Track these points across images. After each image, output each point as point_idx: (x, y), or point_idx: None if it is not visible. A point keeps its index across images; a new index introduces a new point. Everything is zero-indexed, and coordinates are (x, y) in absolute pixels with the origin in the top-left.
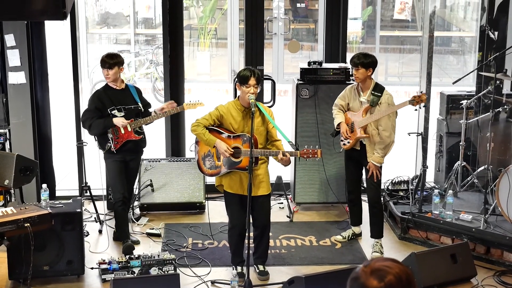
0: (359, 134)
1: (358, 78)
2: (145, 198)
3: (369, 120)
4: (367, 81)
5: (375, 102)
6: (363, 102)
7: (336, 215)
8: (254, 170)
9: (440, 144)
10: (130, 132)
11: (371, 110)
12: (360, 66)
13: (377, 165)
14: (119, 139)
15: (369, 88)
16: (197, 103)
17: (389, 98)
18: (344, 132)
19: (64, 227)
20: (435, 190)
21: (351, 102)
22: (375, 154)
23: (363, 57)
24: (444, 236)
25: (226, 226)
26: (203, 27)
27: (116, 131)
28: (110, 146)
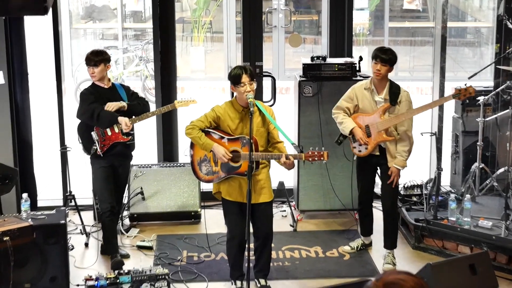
0: (384, 138)
1: (381, 74)
2: (135, 208)
3: (397, 120)
4: (385, 79)
5: (394, 100)
6: (379, 101)
7: (344, 223)
8: (255, 175)
9: (456, 145)
10: (118, 134)
11: (389, 110)
12: (388, 63)
13: (399, 170)
14: (105, 141)
15: (385, 86)
16: (189, 100)
17: (408, 95)
18: (362, 138)
19: (46, 240)
20: (451, 195)
21: (361, 103)
22: (399, 158)
23: (391, 53)
24: (462, 245)
25: (224, 237)
26: (196, 20)
27: (103, 133)
28: (96, 149)
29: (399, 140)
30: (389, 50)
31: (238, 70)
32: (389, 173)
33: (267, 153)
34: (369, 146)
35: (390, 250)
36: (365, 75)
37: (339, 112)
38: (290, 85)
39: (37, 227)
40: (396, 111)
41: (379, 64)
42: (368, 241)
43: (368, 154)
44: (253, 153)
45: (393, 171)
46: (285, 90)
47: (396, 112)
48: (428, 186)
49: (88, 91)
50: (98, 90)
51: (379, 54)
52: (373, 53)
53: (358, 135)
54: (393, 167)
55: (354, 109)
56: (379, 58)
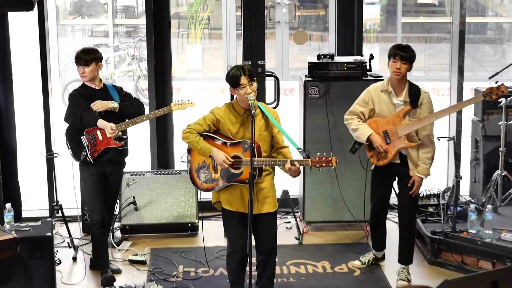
0: (405, 144)
1: (401, 73)
2: (127, 219)
3: (421, 124)
4: (404, 79)
5: (415, 103)
6: (398, 104)
7: (354, 236)
8: (258, 183)
9: (475, 150)
10: (110, 139)
11: (410, 113)
12: (408, 61)
13: (422, 179)
14: (96, 146)
15: (404, 87)
16: (187, 103)
17: (429, 97)
18: (381, 145)
19: (31, 254)
20: (471, 205)
21: (377, 106)
22: (422, 166)
23: (410, 51)
24: (483, 260)
25: (223, 250)
26: (193, 16)
27: (93, 137)
28: (85, 155)
29: (420, 146)
30: (408, 47)
31: (236, 70)
32: (411, 183)
33: (270, 159)
34: (389, 153)
35: (405, 265)
36: (376, 75)
37: (353, 118)
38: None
39: (21, 240)
40: (417, 114)
41: (398, 62)
42: (380, 255)
43: (388, 162)
44: (255, 159)
45: (415, 180)
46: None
47: (417, 116)
48: (446, 196)
49: (77, 93)
50: (88, 91)
51: (398, 51)
52: (391, 50)
53: (376, 142)
54: (415, 176)
55: (369, 114)
56: (398, 55)
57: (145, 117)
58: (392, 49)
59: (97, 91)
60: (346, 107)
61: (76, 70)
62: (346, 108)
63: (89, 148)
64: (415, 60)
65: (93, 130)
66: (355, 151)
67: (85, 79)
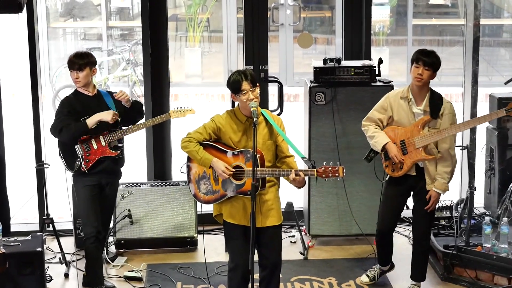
0: (422, 156)
1: (423, 80)
2: (122, 233)
3: (440, 136)
4: (425, 87)
5: (436, 113)
6: (418, 113)
7: (362, 251)
8: (262, 194)
9: (491, 160)
10: (105, 147)
11: (430, 123)
12: (431, 68)
13: (440, 194)
14: (91, 156)
15: (425, 95)
16: (186, 109)
17: (451, 107)
18: (396, 156)
19: (21, 270)
20: (485, 218)
21: (396, 114)
22: (440, 180)
23: (435, 57)
24: (498, 276)
25: (224, 266)
26: (192, 18)
27: (88, 146)
28: (79, 165)
29: (439, 160)
30: (433, 53)
31: (237, 76)
32: (427, 198)
33: (274, 169)
34: (404, 165)
35: (417, 282)
36: (385, 80)
37: (370, 125)
38: (299, 91)
39: (10, 256)
40: (438, 125)
41: (421, 68)
42: (386, 268)
43: (403, 174)
44: (258, 169)
45: (432, 196)
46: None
47: (437, 127)
48: (459, 208)
49: (67, 101)
50: (80, 98)
51: (422, 56)
52: (414, 55)
53: (392, 152)
54: (432, 191)
55: (388, 121)
56: (421, 60)
57: (142, 125)
58: (416, 53)
59: (91, 98)
60: (353, 114)
61: (68, 75)
62: (354, 115)
63: (83, 158)
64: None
65: (87, 139)
66: (370, 160)
67: (79, 85)
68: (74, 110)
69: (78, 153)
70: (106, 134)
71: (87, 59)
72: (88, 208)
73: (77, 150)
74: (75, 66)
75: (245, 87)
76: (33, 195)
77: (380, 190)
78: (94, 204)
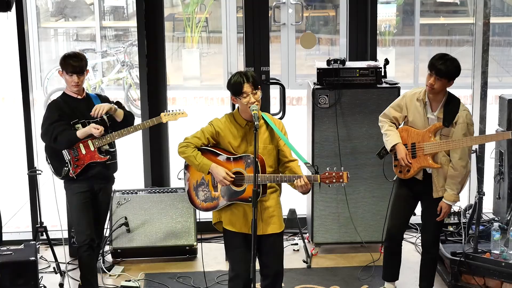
0: (428, 163)
1: (434, 90)
2: (118, 241)
3: (447, 146)
4: (441, 93)
5: (449, 121)
6: (431, 119)
7: (367, 258)
8: (263, 201)
9: (500, 164)
10: (94, 152)
11: (442, 130)
12: (445, 77)
13: (451, 205)
14: (79, 161)
15: (441, 101)
16: (178, 113)
17: (467, 116)
18: (404, 159)
19: (14, 280)
20: (494, 224)
21: (411, 115)
22: (449, 191)
23: (452, 64)
24: (507, 283)
25: (225, 275)
26: (190, 18)
27: (76, 151)
28: (67, 170)
29: (450, 170)
30: (450, 59)
31: (238, 77)
32: (438, 210)
33: (275, 175)
34: (411, 169)
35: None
36: (392, 82)
37: (386, 121)
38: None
39: (3, 265)
40: (451, 133)
41: (433, 77)
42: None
43: (410, 177)
44: (259, 175)
45: (442, 207)
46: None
47: (450, 135)
48: (468, 214)
49: (54, 105)
50: (69, 101)
51: (436, 63)
52: (430, 61)
53: (400, 154)
54: (443, 202)
55: (403, 120)
56: (434, 69)
57: (132, 128)
58: (432, 59)
59: (80, 101)
60: (358, 117)
61: (59, 78)
62: (359, 118)
63: (71, 163)
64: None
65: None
66: (382, 157)
67: (76, 89)
68: (63, 114)
69: (66, 158)
70: (95, 139)
71: (85, 60)
72: (80, 216)
73: (64, 155)
74: (76, 69)
75: (246, 89)
76: (26, 203)
77: (386, 196)
78: (86, 211)
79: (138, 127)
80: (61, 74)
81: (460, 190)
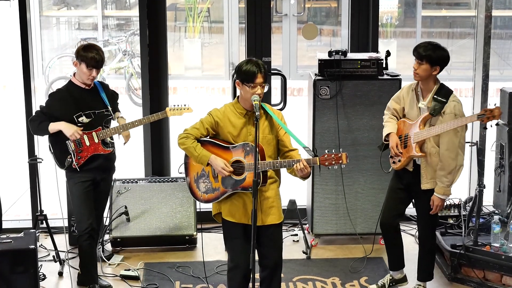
0: (412, 152)
1: (418, 75)
2: (118, 231)
3: (428, 134)
4: (430, 81)
5: (437, 110)
6: (423, 108)
7: (367, 250)
8: (262, 191)
9: (501, 157)
10: (98, 144)
11: (431, 120)
12: (426, 60)
13: (443, 199)
14: (82, 152)
15: (431, 90)
16: (183, 108)
17: (456, 107)
18: (393, 147)
19: (13, 268)
20: (494, 217)
21: (407, 106)
22: (438, 184)
23: (432, 49)
24: (507, 276)
25: (224, 265)
26: (192, 7)
27: (79, 143)
28: (71, 162)
29: (439, 162)
30: (433, 45)
31: (253, 67)
32: (431, 203)
33: (275, 161)
34: (402, 158)
35: (422, 282)
36: (393, 74)
37: (387, 114)
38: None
39: (2, 253)
40: (439, 123)
41: (416, 62)
42: (397, 276)
43: (401, 167)
44: (258, 162)
45: (434, 200)
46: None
47: (436, 126)
48: (468, 206)
49: (58, 95)
50: (75, 92)
51: (417, 48)
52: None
53: (391, 142)
54: (434, 197)
55: (402, 112)
56: (415, 53)
57: (137, 122)
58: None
59: (86, 91)
60: (359, 109)
61: (62, 66)
62: (360, 110)
63: (74, 154)
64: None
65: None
66: (383, 149)
67: (90, 81)
68: (65, 104)
69: (70, 149)
70: (99, 131)
71: (104, 55)
72: (82, 205)
73: (68, 146)
74: (98, 64)
75: (258, 80)
76: (26, 191)
77: (386, 188)
78: (88, 200)
79: (143, 120)
80: (76, 65)
81: (450, 183)
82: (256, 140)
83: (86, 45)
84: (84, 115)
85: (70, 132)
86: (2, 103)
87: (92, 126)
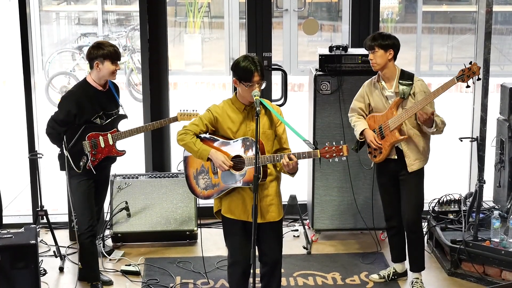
0: (396, 137)
1: (376, 63)
2: (119, 226)
3: (406, 115)
4: (390, 68)
5: (406, 93)
6: (390, 96)
7: (367, 245)
8: (262, 189)
9: (501, 152)
10: (112, 146)
11: (402, 104)
12: (377, 47)
13: (430, 114)
14: (97, 154)
15: (394, 77)
16: (192, 113)
17: (422, 85)
18: (373, 141)
19: (14, 264)
20: (494, 212)
21: (372, 101)
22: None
23: (379, 36)
24: (506, 271)
25: (224, 260)
26: (192, 2)
27: (95, 144)
28: (85, 163)
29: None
30: (377, 33)
31: (251, 64)
32: (419, 116)
33: (274, 155)
34: (383, 149)
35: (417, 273)
36: None
37: (353, 115)
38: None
39: (3, 248)
40: (412, 104)
41: (370, 54)
42: (400, 269)
43: (384, 159)
44: (259, 156)
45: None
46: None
47: (412, 106)
48: (468, 202)
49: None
50: (89, 93)
51: (365, 41)
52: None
53: (368, 137)
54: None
55: (368, 109)
56: (366, 46)
57: (150, 126)
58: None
59: (102, 93)
60: None
61: (62, 61)
62: None
63: (89, 156)
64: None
65: (95, 136)
66: (358, 150)
67: (115, 78)
68: (81, 108)
69: (86, 150)
70: (115, 133)
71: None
72: (84, 203)
73: (84, 147)
74: (119, 56)
75: (256, 78)
76: (26, 186)
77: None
78: (90, 199)
79: (155, 124)
80: (97, 66)
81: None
82: (257, 135)
83: (96, 44)
84: (99, 116)
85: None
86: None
87: (108, 128)
